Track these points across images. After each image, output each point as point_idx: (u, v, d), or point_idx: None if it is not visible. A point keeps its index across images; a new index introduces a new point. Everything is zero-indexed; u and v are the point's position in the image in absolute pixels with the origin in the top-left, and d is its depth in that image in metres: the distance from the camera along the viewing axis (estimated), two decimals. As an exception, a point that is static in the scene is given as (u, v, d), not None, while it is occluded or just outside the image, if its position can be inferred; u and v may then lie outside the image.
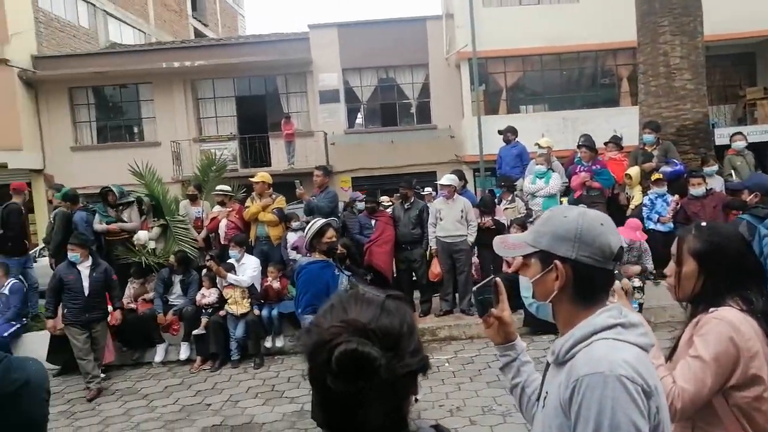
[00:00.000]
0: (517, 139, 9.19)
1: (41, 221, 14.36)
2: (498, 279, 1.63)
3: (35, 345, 6.77)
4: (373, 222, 7.69)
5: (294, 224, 7.43)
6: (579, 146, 8.11)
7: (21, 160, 15.88)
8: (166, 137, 16.69)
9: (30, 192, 12.55)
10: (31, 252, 8.83)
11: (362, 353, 0.89)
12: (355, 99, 17.46)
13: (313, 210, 7.43)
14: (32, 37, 16.72)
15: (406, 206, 7.70)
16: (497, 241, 1.54)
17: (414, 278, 7.72)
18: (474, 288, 1.63)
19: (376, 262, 7.41)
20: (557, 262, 1.35)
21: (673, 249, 1.93)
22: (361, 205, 8.46)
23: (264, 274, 7.11)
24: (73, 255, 6.09)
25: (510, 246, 1.49)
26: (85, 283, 6.05)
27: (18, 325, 7.04)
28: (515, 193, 8.26)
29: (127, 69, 16.43)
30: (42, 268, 8.26)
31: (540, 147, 8.28)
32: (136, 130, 18.02)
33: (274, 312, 6.96)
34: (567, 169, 8.26)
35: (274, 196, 7.56)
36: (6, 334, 6.75)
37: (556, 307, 1.40)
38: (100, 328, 6.23)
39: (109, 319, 6.45)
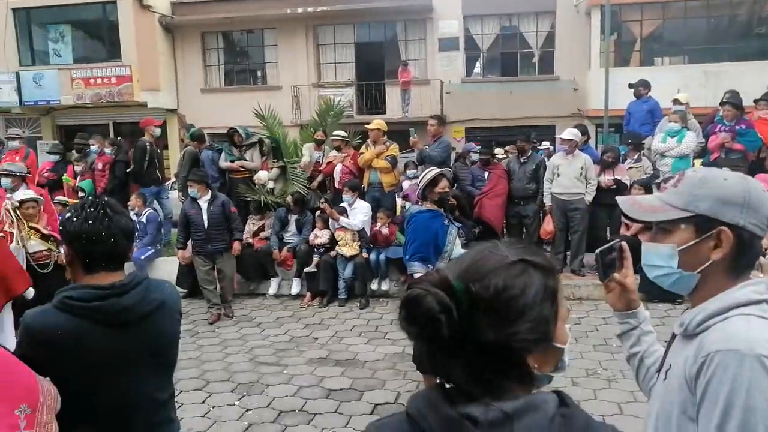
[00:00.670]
0: (649, 93, 8.47)
1: (174, 157, 15.54)
2: (624, 242, 1.50)
3: (166, 269, 7.44)
4: (486, 174, 7.52)
5: (409, 172, 7.45)
6: (722, 103, 7.34)
7: (158, 100, 17.13)
8: (287, 82, 17.21)
9: (165, 129, 13.55)
10: (165, 184, 9.55)
11: (418, 300, 0.86)
12: (475, 47, 16.90)
13: (425, 159, 7.40)
14: (172, -17, 17.74)
15: (522, 160, 7.45)
16: (625, 202, 1.39)
17: (524, 234, 7.53)
18: (597, 250, 1.51)
19: (486, 215, 7.29)
20: (724, 228, 1.21)
21: None
22: (474, 157, 8.30)
23: (374, 219, 7.25)
24: (192, 190, 6.51)
25: (646, 208, 1.33)
26: (204, 216, 6.44)
27: (153, 250, 7.77)
28: (642, 152, 7.68)
29: (254, 14, 16.96)
30: (174, 200, 8.96)
31: (678, 102, 7.58)
32: (259, 74, 18.74)
33: (382, 256, 7.11)
34: (705, 128, 7.53)
35: (388, 143, 7.59)
36: (143, 257, 7.47)
37: (703, 278, 1.26)
38: (223, 260, 6.63)
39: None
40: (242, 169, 7.79)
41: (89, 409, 1.75)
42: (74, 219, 1.74)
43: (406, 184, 7.43)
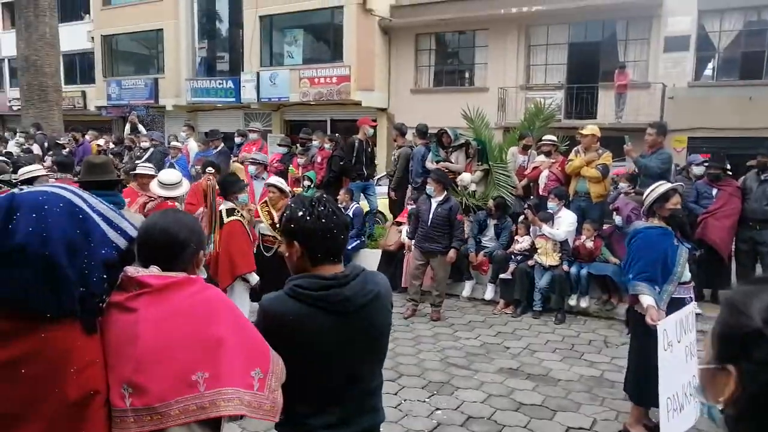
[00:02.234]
0: None
1: (381, 154, 16.42)
2: None
3: (368, 260, 7.88)
4: (714, 191, 6.68)
5: (621, 185, 6.96)
6: None
7: (371, 99, 18.27)
8: (495, 83, 17.13)
9: (375, 128, 14.38)
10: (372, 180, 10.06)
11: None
12: (709, 47, 15.09)
13: (640, 170, 6.81)
14: (392, -12, 18.77)
15: (763, 177, 6.46)
16: None
17: (758, 263, 6.54)
18: None
19: (711, 237, 6.47)
20: None
21: None
22: (697, 170, 7.44)
23: (578, 231, 6.88)
24: (428, 188, 6.65)
25: None
26: (430, 215, 6.53)
27: (358, 242, 8.30)
28: None
29: (468, 15, 17.16)
30: (381, 195, 9.46)
31: None
32: (467, 75, 18.95)
33: (584, 271, 6.71)
34: None
35: (600, 151, 7.13)
36: (349, 247, 8.02)
37: None
38: (437, 262, 6.63)
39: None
40: (446, 171, 7.92)
41: (309, 389, 1.90)
42: (308, 218, 1.87)
43: (621, 199, 6.90)
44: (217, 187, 5.62)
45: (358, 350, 1.93)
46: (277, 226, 5.73)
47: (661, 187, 3.83)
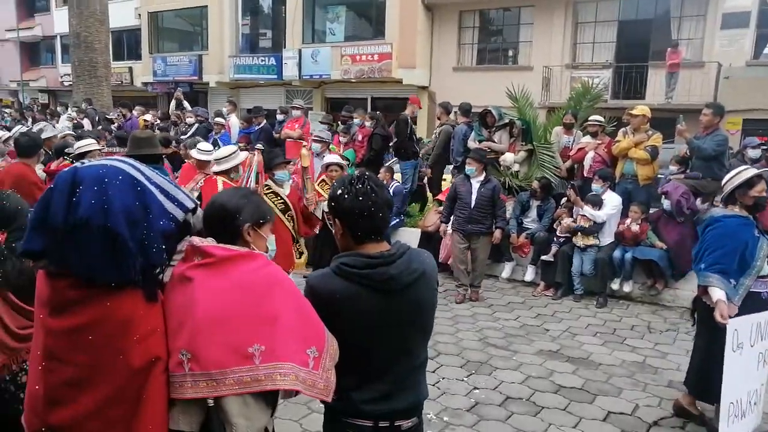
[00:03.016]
0: None
1: (422, 133, 16.29)
2: None
3: (407, 239, 7.89)
4: (772, 176, 6.40)
5: (672, 167, 6.76)
6: None
7: (412, 77, 18.07)
8: (539, 62, 16.72)
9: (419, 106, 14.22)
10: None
11: None
12: (770, 24, 14.36)
13: (693, 152, 6.58)
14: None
15: (823, 163, 6.16)
16: None
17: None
18: None
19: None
20: None
21: None
22: (753, 153, 7.13)
23: (624, 214, 6.71)
24: (468, 168, 6.48)
25: None
26: (473, 196, 6.39)
27: (397, 220, 8.29)
28: None
29: (513, -8, 16.77)
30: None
31: None
32: (511, 53, 18.53)
33: (628, 255, 6.56)
34: None
35: (650, 132, 6.90)
36: (389, 225, 8.02)
37: None
38: (479, 243, 6.52)
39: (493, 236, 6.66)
40: (489, 150, 7.81)
41: (354, 365, 1.91)
42: (346, 196, 1.86)
43: (670, 184, 6.70)
44: (261, 162, 5.63)
45: (404, 328, 1.94)
46: None
47: (746, 172, 3.59)
